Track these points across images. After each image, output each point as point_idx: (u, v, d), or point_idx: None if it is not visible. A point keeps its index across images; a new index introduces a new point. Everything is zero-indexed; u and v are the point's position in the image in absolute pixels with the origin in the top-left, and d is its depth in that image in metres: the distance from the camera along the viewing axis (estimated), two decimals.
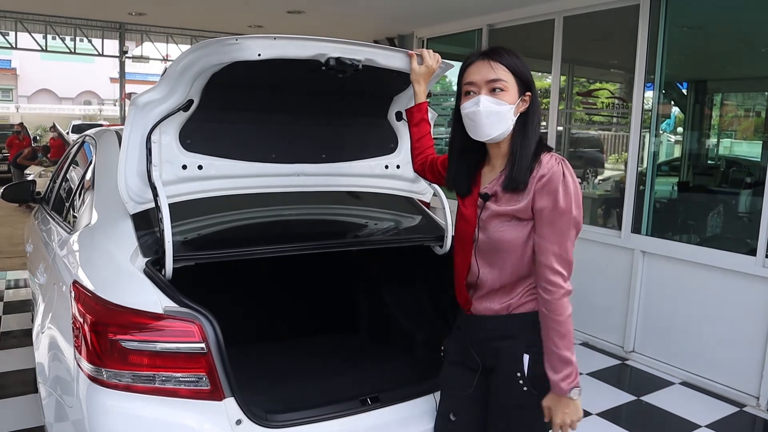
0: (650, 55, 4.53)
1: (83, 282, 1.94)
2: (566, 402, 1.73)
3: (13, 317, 5.16)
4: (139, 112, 2.03)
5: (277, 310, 3.10)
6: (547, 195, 1.70)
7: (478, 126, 1.77)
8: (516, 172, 1.74)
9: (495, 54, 1.77)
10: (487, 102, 1.74)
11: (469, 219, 1.84)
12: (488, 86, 1.75)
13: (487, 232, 1.79)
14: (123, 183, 2.08)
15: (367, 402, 2.03)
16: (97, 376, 1.74)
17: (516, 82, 1.77)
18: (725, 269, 4.02)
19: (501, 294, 1.82)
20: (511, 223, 1.76)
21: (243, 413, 1.80)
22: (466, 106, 1.78)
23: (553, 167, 1.72)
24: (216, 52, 1.92)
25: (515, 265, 1.78)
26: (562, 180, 1.70)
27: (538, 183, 1.71)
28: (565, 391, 1.71)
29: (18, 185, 4.31)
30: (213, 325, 1.77)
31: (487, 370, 1.88)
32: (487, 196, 1.80)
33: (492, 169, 1.85)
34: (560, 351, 1.71)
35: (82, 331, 1.80)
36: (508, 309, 1.81)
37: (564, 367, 1.71)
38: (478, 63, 1.78)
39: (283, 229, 2.59)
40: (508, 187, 1.75)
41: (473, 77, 1.78)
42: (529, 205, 1.73)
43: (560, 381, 1.71)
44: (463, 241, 1.87)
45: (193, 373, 1.75)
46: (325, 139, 2.46)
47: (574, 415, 1.74)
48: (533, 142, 1.77)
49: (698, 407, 3.85)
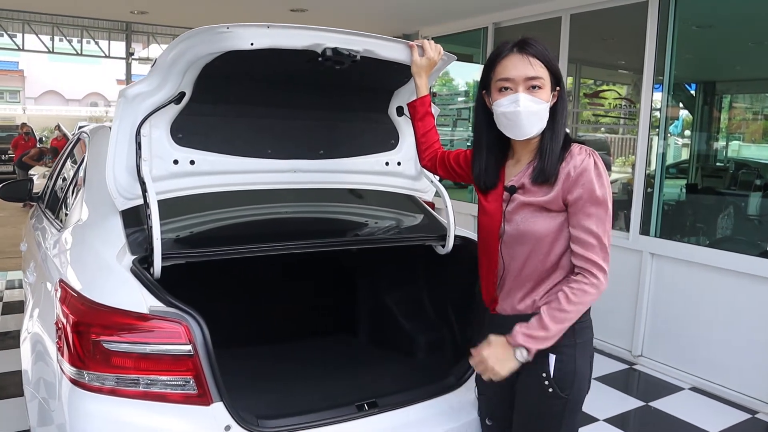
0: (659, 55, 4.43)
1: (69, 281, 1.87)
2: (506, 351, 1.68)
3: (11, 318, 5.10)
4: (128, 105, 1.96)
5: (272, 312, 3.01)
6: (582, 186, 1.66)
7: (517, 126, 1.71)
8: (546, 165, 1.70)
9: (531, 48, 1.70)
10: (527, 101, 1.68)
11: (493, 213, 1.80)
12: (526, 84, 1.69)
13: (513, 225, 1.75)
14: (111, 178, 2.02)
15: (364, 407, 1.95)
16: (79, 379, 1.66)
17: (550, 77, 1.72)
18: (736, 272, 3.91)
19: (526, 291, 1.77)
20: (540, 214, 1.72)
21: (232, 418, 1.73)
22: (503, 104, 1.71)
23: (585, 159, 1.69)
24: (207, 41, 1.84)
25: (541, 257, 1.73)
26: (595, 171, 1.67)
27: (570, 174, 1.68)
28: (516, 343, 1.67)
29: (15, 184, 4.25)
30: (201, 326, 1.69)
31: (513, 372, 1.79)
32: (514, 189, 1.76)
33: (516, 163, 1.81)
34: (546, 316, 1.66)
35: (64, 331, 1.72)
36: (533, 308, 1.75)
37: (536, 328, 1.66)
38: (514, 57, 1.70)
39: (279, 227, 2.51)
40: (537, 179, 1.71)
41: (510, 73, 1.70)
42: (559, 196, 1.69)
43: (520, 333, 1.67)
44: (488, 236, 1.82)
45: (180, 377, 1.67)
46: (323, 135, 2.39)
47: (497, 365, 1.68)
48: (562, 135, 1.73)
49: (708, 413, 3.74)
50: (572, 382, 1.72)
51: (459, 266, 2.52)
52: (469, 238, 2.51)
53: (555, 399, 1.72)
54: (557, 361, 1.72)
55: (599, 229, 1.67)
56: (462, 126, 7.23)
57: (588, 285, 1.66)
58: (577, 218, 1.68)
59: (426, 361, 2.60)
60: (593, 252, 1.67)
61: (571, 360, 1.72)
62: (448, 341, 2.61)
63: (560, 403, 1.73)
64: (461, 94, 7.67)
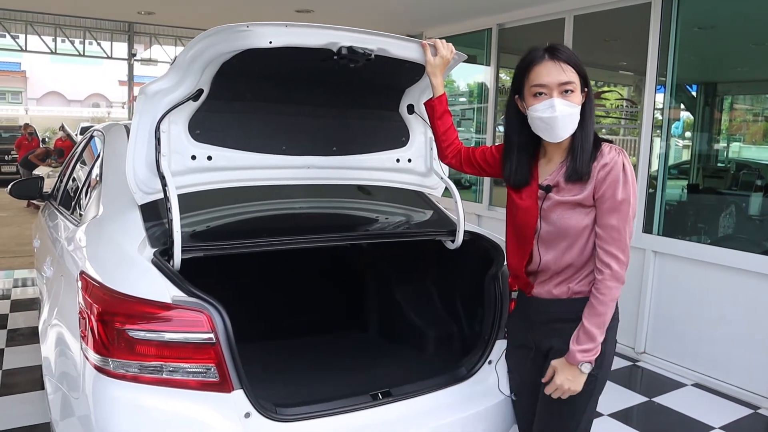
0: (662, 56, 4.48)
1: (90, 272, 1.91)
2: (573, 371, 1.82)
3: (20, 315, 5.15)
4: (148, 101, 2.01)
5: (283, 309, 3.06)
6: (610, 184, 1.78)
7: (554, 129, 1.80)
8: (579, 164, 1.80)
9: (562, 53, 1.80)
10: (562, 106, 1.78)
11: (529, 210, 1.89)
12: (560, 88, 1.79)
13: (550, 221, 1.86)
14: (131, 173, 2.06)
15: (378, 397, 2.00)
16: (104, 366, 1.71)
17: (579, 80, 1.81)
18: (738, 269, 3.96)
19: (562, 278, 1.88)
20: (575, 210, 1.83)
21: (252, 406, 1.77)
22: (539, 109, 1.80)
23: (615, 157, 1.79)
24: (226, 39, 1.89)
25: (578, 249, 1.85)
26: (623, 170, 1.78)
27: (600, 172, 1.79)
28: (578, 361, 1.81)
29: (26, 182, 4.30)
30: (222, 315, 1.74)
31: (543, 352, 1.94)
32: (549, 188, 1.86)
33: (549, 162, 1.90)
34: (590, 326, 1.80)
35: (88, 321, 1.76)
36: (567, 293, 1.88)
37: (586, 341, 1.80)
38: (547, 64, 1.79)
39: (293, 222, 2.56)
40: (571, 178, 1.82)
41: (544, 79, 1.79)
42: (591, 193, 1.80)
43: (578, 351, 1.80)
44: (523, 231, 1.92)
45: (202, 364, 1.72)
46: (336, 132, 2.43)
47: (573, 386, 1.83)
48: (591, 134, 1.83)
49: (711, 409, 3.79)
50: (602, 361, 1.86)
51: (468, 261, 2.57)
52: (477, 233, 2.56)
53: (588, 376, 1.84)
54: None
55: (621, 225, 1.79)
56: (465, 126, 7.28)
57: (609, 280, 1.79)
58: (602, 213, 1.80)
59: (436, 355, 2.64)
60: (614, 246, 1.79)
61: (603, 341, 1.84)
62: (457, 335, 2.66)
63: (591, 380, 1.85)
64: (464, 95, 7.72)
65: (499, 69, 6.23)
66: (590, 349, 1.80)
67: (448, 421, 2.06)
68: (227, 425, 1.74)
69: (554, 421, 1.94)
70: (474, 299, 2.46)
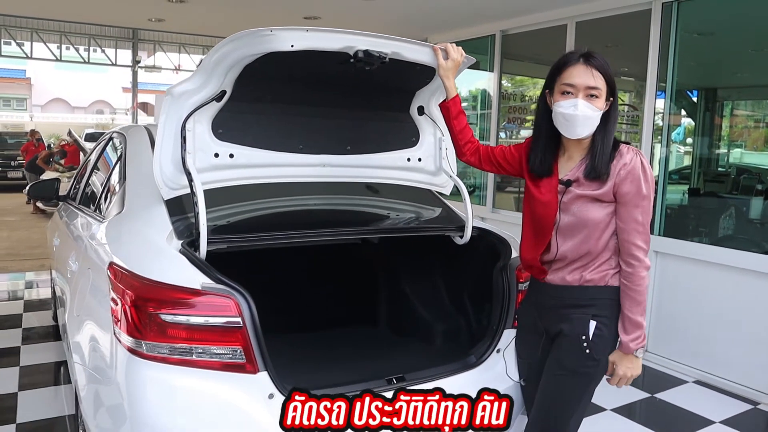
0: (662, 62, 4.58)
1: (121, 263, 2.02)
2: (630, 359, 1.99)
3: (34, 315, 5.26)
4: (174, 102, 2.12)
5: (295, 303, 3.16)
6: (632, 182, 1.92)
7: (572, 126, 1.94)
8: (598, 163, 1.94)
9: (595, 61, 1.93)
10: (584, 107, 1.91)
11: (548, 203, 2.03)
12: (586, 92, 1.92)
13: (570, 214, 1.99)
14: (158, 170, 2.16)
15: (393, 381, 2.10)
16: (137, 348, 1.82)
17: (606, 88, 1.94)
18: (738, 268, 4.05)
19: (577, 266, 2.01)
20: (593, 204, 1.96)
21: (275, 387, 1.88)
22: (563, 106, 1.93)
23: (634, 158, 1.94)
24: (251, 43, 2.01)
25: (594, 240, 1.98)
26: (643, 169, 1.94)
27: (621, 171, 1.93)
28: (632, 350, 1.97)
29: (43, 183, 4.42)
30: (248, 301, 1.85)
31: (551, 337, 2.07)
32: (570, 183, 1.99)
33: (569, 159, 2.04)
34: (633, 315, 1.95)
35: (122, 307, 1.87)
36: (580, 281, 2.01)
37: (634, 330, 1.96)
38: (580, 67, 1.93)
39: (310, 218, 2.67)
40: (590, 175, 1.96)
41: (574, 80, 1.93)
42: (611, 190, 1.94)
43: (630, 341, 1.97)
44: (542, 223, 2.05)
45: (229, 347, 1.83)
46: (350, 132, 2.54)
47: (634, 371, 2.00)
48: (611, 138, 1.97)
49: (712, 404, 3.88)
50: (604, 349, 2.00)
51: (476, 256, 2.67)
52: (485, 228, 2.67)
53: (590, 360, 1.98)
54: (596, 327, 1.98)
55: (644, 219, 1.95)
56: None
57: (640, 269, 1.95)
58: (626, 209, 1.95)
59: (444, 346, 2.75)
60: (639, 238, 1.95)
61: (606, 329, 1.98)
62: (464, 328, 2.76)
63: (593, 364, 1.98)
64: (467, 101, 7.81)
65: (502, 75, 6.34)
66: (639, 336, 1.95)
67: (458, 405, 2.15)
68: (252, 405, 1.85)
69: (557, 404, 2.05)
70: (481, 293, 2.56)
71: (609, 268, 2.00)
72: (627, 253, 1.95)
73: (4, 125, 27.10)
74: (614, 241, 1.99)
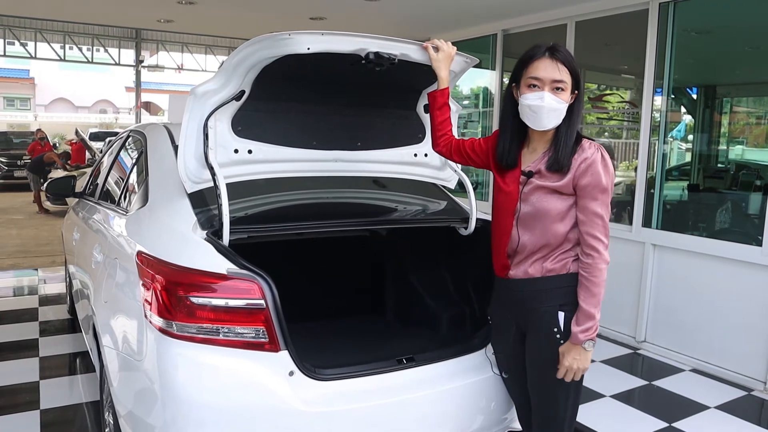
0: (659, 60, 4.71)
1: (149, 251, 2.17)
2: (578, 350, 2.02)
3: (49, 308, 5.42)
4: (197, 101, 2.26)
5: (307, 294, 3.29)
6: (591, 175, 1.99)
7: (538, 118, 2.02)
8: (561, 155, 2.01)
9: (561, 54, 2.01)
10: (550, 100, 1.99)
11: (510, 193, 2.12)
12: (552, 85, 2.00)
13: (529, 204, 2.07)
14: (182, 164, 2.31)
15: (404, 361, 2.25)
16: (167, 328, 1.97)
17: (572, 81, 2.03)
18: (732, 260, 4.20)
19: (537, 257, 2.08)
20: (553, 195, 2.04)
21: (295, 365, 2.03)
22: (529, 98, 2.02)
23: (595, 153, 2.01)
24: (270, 46, 2.15)
25: (552, 231, 2.05)
26: (603, 163, 2.00)
27: (581, 165, 2.00)
28: (581, 341, 2.01)
29: (60, 180, 4.56)
30: (270, 285, 2.00)
31: (522, 331, 2.16)
32: (531, 174, 2.08)
33: (533, 151, 2.12)
34: (587, 307, 2.01)
35: (154, 291, 2.02)
36: (542, 271, 2.08)
37: (585, 321, 2.01)
38: (545, 60, 2.01)
39: (324, 210, 2.81)
40: (552, 167, 2.03)
41: (540, 73, 2.01)
42: (571, 183, 2.01)
43: (579, 332, 2.01)
44: (504, 213, 2.14)
45: (253, 327, 1.98)
46: (360, 129, 2.68)
47: (581, 363, 2.03)
48: (575, 131, 2.05)
49: (707, 391, 4.03)
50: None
51: (479, 247, 2.81)
52: (489, 220, 2.81)
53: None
54: (565, 318, 2.06)
55: (603, 212, 2.01)
56: (472, 128, 7.50)
57: (600, 261, 2.01)
58: (585, 202, 2.01)
59: (450, 332, 2.89)
60: (598, 230, 2.01)
61: (573, 315, 2.05)
62: (469, 316, 2.91)
63: None
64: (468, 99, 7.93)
65: (504, 74, 6.48)
66: (590, 327, 2.00)
67: (465, 383, 2.33)
68: (274, 381, 2.00)
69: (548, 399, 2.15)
70: (485, 282, 2.70)
71: (569, 257, 2.06)
72: (586, 244, 2.00)
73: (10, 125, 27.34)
74: (574, 234, 2.05)
